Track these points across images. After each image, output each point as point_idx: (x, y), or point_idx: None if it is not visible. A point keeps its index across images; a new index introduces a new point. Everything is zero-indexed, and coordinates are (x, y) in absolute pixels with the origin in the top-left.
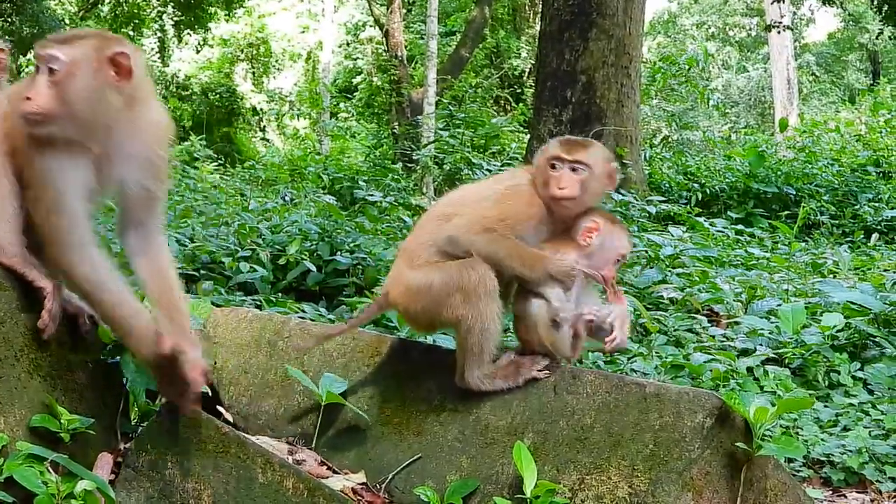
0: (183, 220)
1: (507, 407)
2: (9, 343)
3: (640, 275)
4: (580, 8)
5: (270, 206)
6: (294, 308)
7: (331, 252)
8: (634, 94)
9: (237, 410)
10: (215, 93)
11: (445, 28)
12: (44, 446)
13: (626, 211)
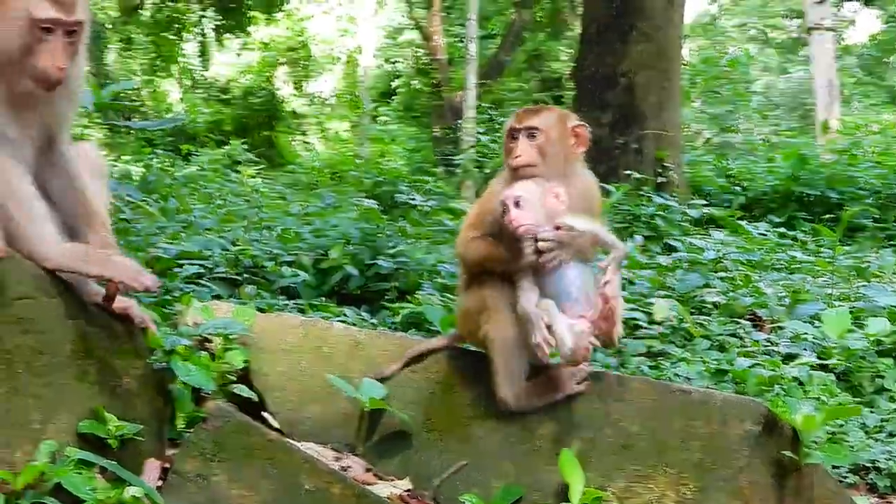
0: (226, 225)
1: (552, 413)
2: (56, 350)
3: (682, 279)
4: (620, 11)
5: (312, 209)
6: (336, 312)
7: (372, 256)
8: (675, 96)
9: (282, 416)
10: (256, 96)
11: (485, 31)
12: (92, 452)
13: (668, 214)
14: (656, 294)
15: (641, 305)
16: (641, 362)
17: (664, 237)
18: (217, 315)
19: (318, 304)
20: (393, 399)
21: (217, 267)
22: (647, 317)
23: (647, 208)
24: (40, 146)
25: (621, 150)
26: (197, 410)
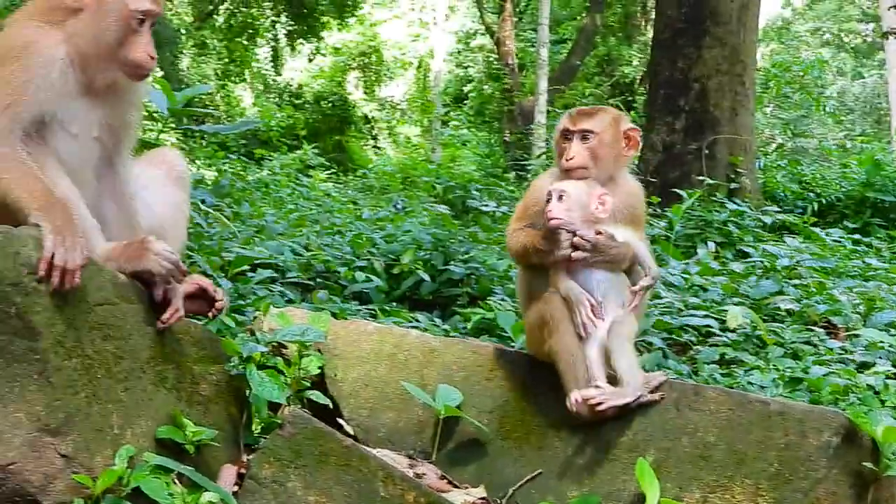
0: (298, 229)
1: (628, 423)
2: (135, 355)
3: (756, 286)
4: (693, 16)
5: (383, 214)
6: (408, 318)
7: (444, 262)
8: (749, 101)
9: (357, 423)
10: (328, 101)
11: (556, 36)
12: (169, 457)
13: (741, 220)
14: (729, 301)
15: (714, 312)
16: (714, 370)
17: (737, 243)
18: (292, 321)
19: (390, 309)
20: (468, 407)
21: (289, 272)
22: (720, 324)
23: (720, 214)
24: (102, 157)
25: (694, 156)
26: (273, 416)
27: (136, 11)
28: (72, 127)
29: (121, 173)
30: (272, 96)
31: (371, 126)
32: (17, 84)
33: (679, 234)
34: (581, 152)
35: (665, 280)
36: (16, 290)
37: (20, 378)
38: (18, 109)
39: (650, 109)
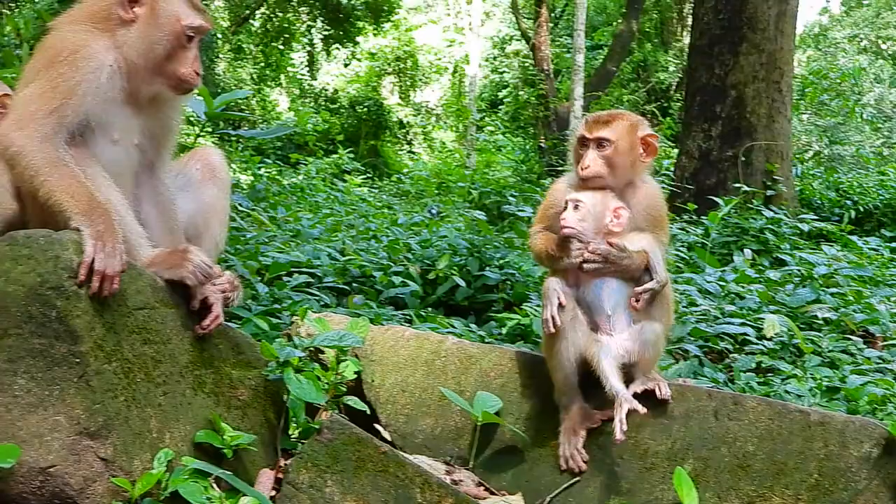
0: (334, 234)
1: (667, 432)
2: (175, 360)
3: (792, 294)
4: (731, 22)
5: (418, 219)
6: (444, 323)
7: (480, 267)
8: (785, 109)
9: (394, 429)
10: (363, 106)
11: (592, 42)
12: (207, 461)
13: (778, 228)
14: (766, 309)
15: (751, 320)
16: (750, 378)
17: (774, 251)
18: (330, 326)
19: (426, 314)
20: (505, 413)
21: (325, 276)
22: (757, 332)
23: (757, 221)
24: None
25: (730, 163)
26: (310, 422)
27: (187, 27)
28: (113, 133)
29: (161, 178)
30: (308, 101)
31: (406, 131)
32: (65, 87)
33: (715, 241)
34: (596, 161)
35: (701, 287)
36: (56, 293)
37: (60, 381)
38: (65, 112)
39: (686, 116)
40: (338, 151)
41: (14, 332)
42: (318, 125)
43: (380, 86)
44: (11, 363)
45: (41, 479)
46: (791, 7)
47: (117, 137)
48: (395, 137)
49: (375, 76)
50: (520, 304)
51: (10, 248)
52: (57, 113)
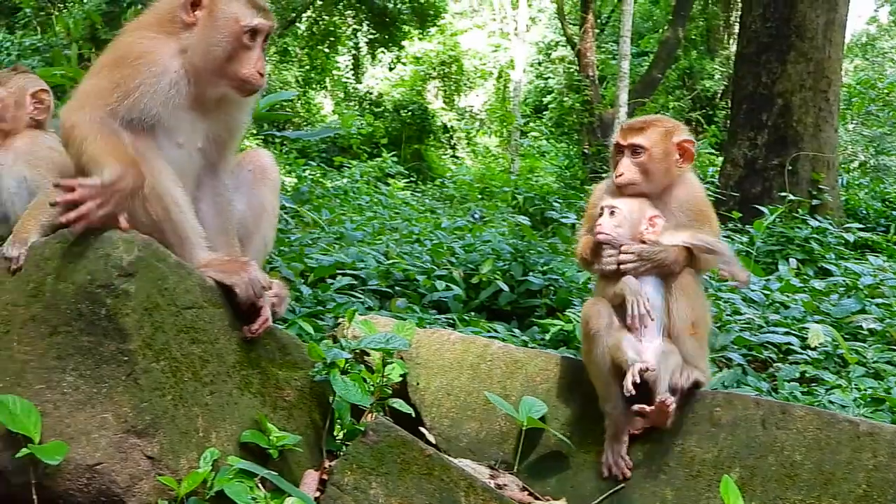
0: (377, 237)
1: (713, 439)
2: (222, 359)
3: (837, 304)
4: (778, 30)
5: (461, 223)
6: (486, 327)
7: (523, 272)
8: (832, 118)
9: (439, 432)
10: (407, 110)
11: (638, 48)
12: (253, 462)
13: (823, 238)
14: (810, 319)
15: (795, 330)
16: (794, 388)
17: (819, 261)
18: (376, 328)
19: (470, 318)
20: (550, 418)
21: (369, 279)
22: (801, 342)
23: (802, 231)
24: (204, 165)
25: (776, 171)
26: (355, 423)
27: (246, 27)
28: (178, 137)
29: (221, 179)
30: (352, 104)
31: (450, 136)
32: (125, 87)
33: (760, 249)
34: (630, 168)
35: (745, 296)
36: (106, 291)
37: (108, 379)
38: (121, 106)
39: (732, 124)
40: (381, 155)
41: (63, 330)
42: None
43: (424, 90)
44: (60, 360)
45: (88, 476)
46: (840, 16)
47: (182, 141)
48: (438, 142)
49: (420, 80)
50: (563, 310)
51: (60, 246)
52: (114, 104)
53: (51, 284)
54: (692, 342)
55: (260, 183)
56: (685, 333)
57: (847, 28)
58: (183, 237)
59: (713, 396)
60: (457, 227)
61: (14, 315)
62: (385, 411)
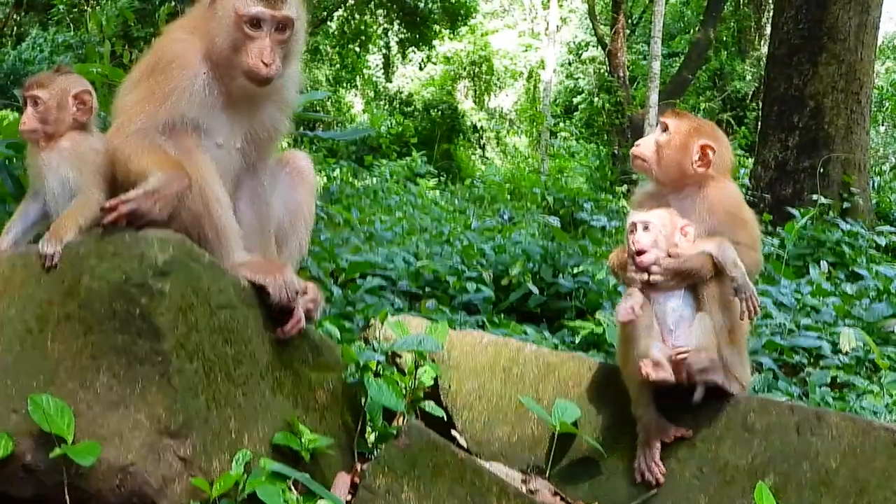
0: (407, 237)
1: (747, 445)
2: (255, 360)
3: (869, 308)
4: (810, 32)
5: (491, 224)
6: (517, 330)
7: (553, 274)
8: (864, 120)
9: (471, 435)
10: (437, 110)
11: (668, 49)
12: (285, 464)
13: (855, 241)
14: (842, 323)
15: (826, 334)
16: (825, 393)
17: (850, 264)
18: (408, 330)
19: (499, 321)
20: (583, 423)
21: (400, 280)
22: (832, 346)
23: (833, 234)
24: (243, 165)
25: (807, 174)
26: (387, 426)
27: (245, 16)
28: (217, 138)
29: (260, 179)
30: (382, 103)
31: (479, 135)
32: (160, 94)
33: (791, 253)
34: (649, 144)
35: (776, 300)
36: (140, 291)
37: (142, 379)
38: (159, 117)
39: (763, 125)
40: (411, 154)
41: (98, 329)
42: (392, 128)
43: (454, 90)
44: (94, 360)
45: (120, 476)
46: (872, 18)
47: (221, 141)
48: (468, 142)
49: (450, 80)
50: (593, 313)
51: (95, 245)
52: (152, 118)
53: (86, 283)
54: (729, 350)
55: (297, 185)
56: (722, 341)
57: (880, 30)
58: (221, 235)
59: (747, 402)
60: (486, 228)
61: (49, 313)
62: (417, 414)
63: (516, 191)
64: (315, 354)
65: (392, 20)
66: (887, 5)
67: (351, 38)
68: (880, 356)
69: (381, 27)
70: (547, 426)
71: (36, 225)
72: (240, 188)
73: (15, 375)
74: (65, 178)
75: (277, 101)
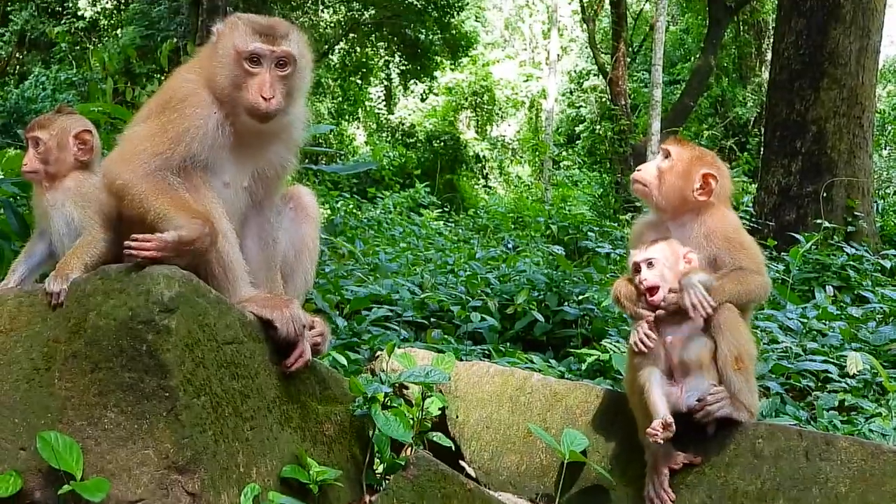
0: (412, 268)
1: (756, 471)
2: (262, 394)
3: (875, 331)
4: (811, 57)
5: (495, 254)
6: (523, 358)
7: (558, 302)
8: (867, 144)
9: (479, 465)
10: (439, 140)
11: (670, 77)
12: (293, 497)
13: (859, 265)
14: (848, 346)
15: (833, 358)
16: (833, 416)
17: (856, 288)
18: (415, 361)
19: (505, 349)
20: (591, 451)
21: (405, 311)
22: (839, 369)
23: (838, 258)
24: (251, 203)
25: (810, 199)
26: (396, 458)
27: (244, 52)
28: (224, 177)
29: (267, 216)
30: (384, 135)
31: (482, 165)
32: (173, 133)
33: (796, 277)
34: (650, 169)
35: (782, 324)
36: (147, 327)
37: (150, 415)
38: (171, 156)
39: (766, 151)
40: (414, 185)
41: (105, 366)
42: (395, 159)
43: (456, 120)
44: (102, 396)
45: None
46: (873, 42)
47: (228, 181)
48: (471, 172)
49: (452, 110)
50: (599, 340)
51: (102, 282)
52: (163, 156)
53: (92, 320)
54: (737, 377)
55: (301, 220)
56: (730, 369)
57: (880, 54)
58: (228, 271)
59: (755, 428)
60: (491, 258)
61: (56, 351)
62: (425, 445)
63: (520, 220)
64: (322, 387)
65: (393, 52)
66: (888, 29)
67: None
68: (888, 379)
69: (383, 59)
70: (555, 455)
71: (42, 264)
72: (246, 225)
73: (23, 413)
74: (69, 217)
75: (286, 139)
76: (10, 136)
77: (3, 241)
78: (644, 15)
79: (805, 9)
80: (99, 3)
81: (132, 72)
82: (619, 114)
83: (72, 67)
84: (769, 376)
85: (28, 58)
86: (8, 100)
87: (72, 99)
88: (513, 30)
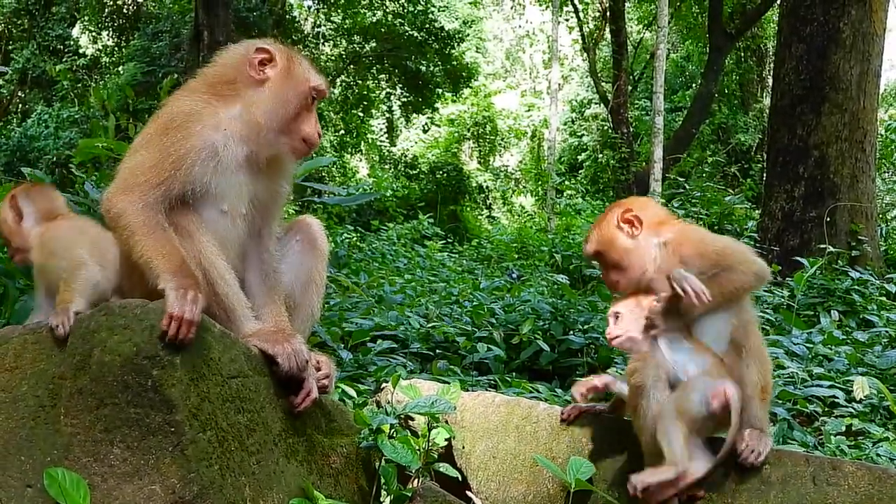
0: (416, 299)
1: (763, 497)
2: (268, 428)
3: (881, 355)
4: (812, 82)
5: (500, 284)
6: (528, 388)
7: (563, 331)
8: (869, 168)
9: (486, 495)
10: (442, 171)
11: (671, 104)
12: None
13: (864, 289)
14: (854, 371)
15: (840, 382)
16: (841, 441)
17: (861, 312)
18: (421, 392)
19: (511, 379)
20: (598, 480)
21: (412, 343)
22: (846, 394)
23: (843, 282)
24: (248, 233)
25: (814, 224)
26: (402, 489)
27: (314, 89)
28: (223, 204)
29: (266, 247)
30: (387, 167)
31: (485, 196)
32: (175, 157)
33: (801, 302)
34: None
35: (788, 350)
36: (152, 363)
37: (155, 451)
38: (172, 185)
39: (769, 177)
40: (418, 217)
41: (110, 402)
42: (398, 191)
43: (459, 151)
44: (108, 433)
45: None
46: (873, 66)
47: (226, 208)
48: (474, 202)
49: (454, 141)
50: (604, 368)
51: (106, 318)
52: (164, 186)
53: (97, 357)
54: (761, 408)
55: (308, 253)
56: (757, 399)
57: (881, 78)
58: (229, 310)
59: None
60: (495, 288)
61: (61, 388)
62: (431, 476)
63: (524, 249)
64: (328, 420)
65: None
66: (888, 53)
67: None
68: (894, 403)
69: (384, 91)
70: (562, 484)
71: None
72: (246, 258)
73: (29, 450)
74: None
75: (286, 168)
76: (13, 175)
77: (8, 279)
78: (644, 43)
79: (805, 34)
80: (100, 40)
81: (134, 108)
82: (621, 142)
83: (74, 105)
84: (776, 402)
85: (30, 96)
86: (11, 138)
87: (74, 136)
88: (514, 60)
